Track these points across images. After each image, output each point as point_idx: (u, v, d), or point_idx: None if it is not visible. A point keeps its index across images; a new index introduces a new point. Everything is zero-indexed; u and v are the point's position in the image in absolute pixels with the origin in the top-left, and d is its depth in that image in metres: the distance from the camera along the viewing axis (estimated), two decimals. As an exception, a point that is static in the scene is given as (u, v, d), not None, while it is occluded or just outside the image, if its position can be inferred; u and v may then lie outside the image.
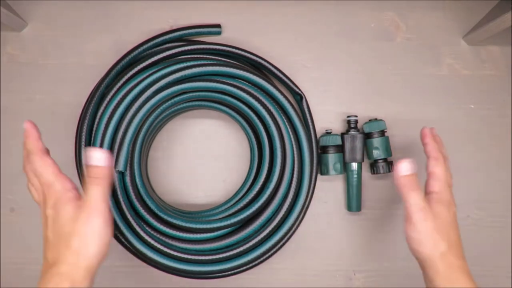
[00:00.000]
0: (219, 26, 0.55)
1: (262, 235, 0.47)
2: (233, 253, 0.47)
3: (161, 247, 0.46)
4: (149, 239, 0.46)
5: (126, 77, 0.50)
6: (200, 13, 0.56)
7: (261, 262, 0.49)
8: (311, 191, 0.51)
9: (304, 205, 0.49)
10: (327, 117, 0.55)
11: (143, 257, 0.46)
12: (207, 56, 0.52)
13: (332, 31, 0.57)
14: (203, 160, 0.55)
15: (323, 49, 0.56)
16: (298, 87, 0.53)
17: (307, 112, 0.53)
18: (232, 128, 0.56)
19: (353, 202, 0.53)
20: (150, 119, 0.48)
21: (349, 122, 0.53)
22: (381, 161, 0.52)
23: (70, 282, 0.35)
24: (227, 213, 0.48)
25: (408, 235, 0.40)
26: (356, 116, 0.53)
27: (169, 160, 0.55)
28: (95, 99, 0.49)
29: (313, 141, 0.52)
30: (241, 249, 0.47)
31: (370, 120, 0.53)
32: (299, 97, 0.53)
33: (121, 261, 0.52)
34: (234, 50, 0.52)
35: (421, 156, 0.45)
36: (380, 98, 0.56)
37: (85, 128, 0.48)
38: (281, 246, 0.50)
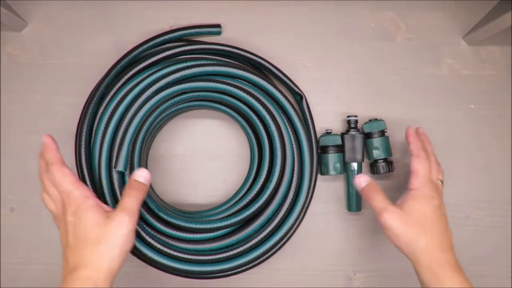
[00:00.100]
0: (219, 26, 0.55)
1: (262, 235, 0.47)
2: (233, 253, 0.47)
3: (161, 247, 0.46)
4: (149, 239, 0.46)
5: (126, 77, 0.50)
6: (200, 13, 0.56)
7: (261, 262, 0.49)
8: (311, 191, 0.51)
9: (304, 205, 0.49)
10: (327, 117, 0.55)
11: (143, 257, 0.46)
12: (207, 56, 0.52)
13: (332, 31, 0.57)
14: (203, 160, 0.55)
15: (323, 49, 0.56)
16: (298, 87, 0.53)
17: (307, 112, 0.53)
18: (232, 128, 0.56)
19: (353, 202, 0.53)
20: (150, 119, 0.48)
21: (349, 122, 0.53)
22: (381, 161, 0.52)
23: (93, 284, 0.36)
24: (227, 213, 0.48)
25: (386, 235, 0.43)
26: (356, 116, 0.53)
27: (169, 160, 0.55)
28: (95, 99, 0.49)
29: (313, 141, 0.52)
30: (241, 249, 0.47)
31: (370, 120, 0.53)
32: (299, 97, 0.53)
33: (121, 261, 0.52)
34: (234, 50, 0.52)
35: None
36: (380, 98, 0.56)
37: (85, 128, 0.48)
38: (281, 246, 0.50)
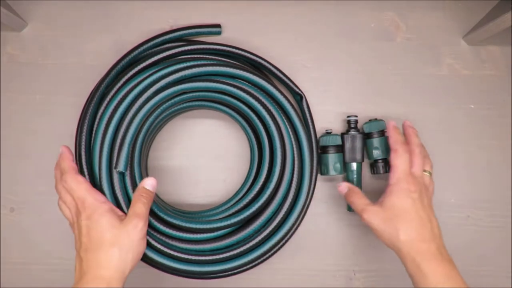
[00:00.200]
0: (219, 26, 0.55)
1: (262, 235, 0.47)
2: (233, 253, 0.47)
3: (161, 247, 0.46)
4: (149, 239, 0.46)
5: (126, 77, 0.50)
6: (200, 13, 0.56)
7: (261, 262, 0.49)
8: (311, 191, 0.51)
9: (304, 205, 0.49)
10: (327, 117, 0.55)
11: (144, 258, 0.46)
12: (207, 56, 0.52)
13: (332, 31, 0.57)
14: (203, 160, 0.55)
15: (323, 49, 0.56)
16: (298, 87, 0.53)
17: (307, 112, 0.53)
18: (232, 128, 0.56)
19: (353, 202, 0.53)
20: (150, 119, 0.48)
21: (349, 122, 0.53)
22: (381, 161, 0.52)
23: (106, 284, 0.38)
24: (227, 213, 0.48)
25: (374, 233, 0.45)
26: (356, 116, 0.53)
27: (169, 160, 0.55)
28: (95, 99, 0.49)
29: (313, 141, 0.52)
30: (241, 249, 0.47)
31: (370, 120, 0.53)
32: (299, 97, 0.53)
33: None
34: (234, 50, 0.52)
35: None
36: (380, 98, 0.56)
37: (85, 128, 0.48)
38: (281, 246, 0.50)
